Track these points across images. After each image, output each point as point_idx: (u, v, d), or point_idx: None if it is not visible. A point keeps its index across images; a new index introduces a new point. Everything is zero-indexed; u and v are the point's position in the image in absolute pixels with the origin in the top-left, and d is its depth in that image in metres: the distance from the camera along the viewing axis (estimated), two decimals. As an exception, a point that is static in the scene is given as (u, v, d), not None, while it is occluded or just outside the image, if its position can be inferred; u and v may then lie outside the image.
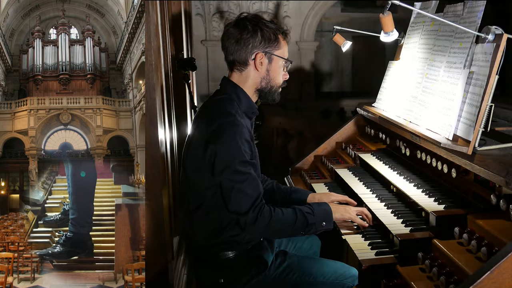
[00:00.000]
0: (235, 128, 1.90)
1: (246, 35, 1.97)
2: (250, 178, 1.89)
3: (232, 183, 1.87)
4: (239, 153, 1.87)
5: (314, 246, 2.43)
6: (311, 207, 2.00)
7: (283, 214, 1.93)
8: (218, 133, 1.89)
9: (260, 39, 1.98)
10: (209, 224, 2.01)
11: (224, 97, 2.04)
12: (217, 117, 1.94)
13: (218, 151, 1.88)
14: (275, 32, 2.01)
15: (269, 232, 1.95)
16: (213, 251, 2.03)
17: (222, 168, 1.87)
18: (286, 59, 2.05)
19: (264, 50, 1.99)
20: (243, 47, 1.98)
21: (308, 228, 1.96)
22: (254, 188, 1.89)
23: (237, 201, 1.88)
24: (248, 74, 2.03)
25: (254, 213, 1.87)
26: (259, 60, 2.00)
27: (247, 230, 1.91)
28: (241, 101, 2.02)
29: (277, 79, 2.05)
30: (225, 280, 2.02)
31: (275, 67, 2.03)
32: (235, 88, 2.04)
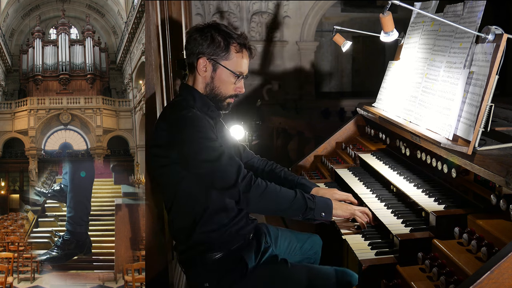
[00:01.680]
0: (193, 118, 1.90)
1: (198, 38, 1.99)
2: (225, 153, 1.88)
3: (208, 164, 1.87)
4: (205, 135, 1.88)
5: (315, 246, 2.42)
6: (312, 195, 2.01)
7: (280, 188, 1.94)
8: (177, 126, 1.89)
9: (208, 45, 1.98)
10: (183, 220, 2.01)
11: (177, 99, 2.07)
12: (173, 113, 1.96)
13: (183, 142, 1.88)
14: (228, 43, 1.99)
15: (264, 202, 1.91)
16: (197, 252, 2.01)
17: (193, 155, 1.87)
18: (232, 71, 2.02)
19: (210, 57, 1.99)
20: (192, 49, 2.01)
21: (307, 212, 1.95)
22: (232, 161, 1.89)
23: (221, 177, 1.87)
24: (196, 78, 2.05)
25: (245, 181, 1.87)
26: (202, 65, 2.00)
27: (242, 201, 1.89)
28: (196, 101, 2.02)
29: (222, 89, 2.04)
30: (209, 284, 2.00)
31: (220, 76, 2.02)
32: (189, 90, 2.05)
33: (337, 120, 7.32)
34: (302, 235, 2.44)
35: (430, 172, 2.26)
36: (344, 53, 4.94)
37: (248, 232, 2.08)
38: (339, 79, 9.64)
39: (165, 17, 2.81)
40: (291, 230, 2.46)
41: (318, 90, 8.49)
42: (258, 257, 2.07)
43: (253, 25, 7.02)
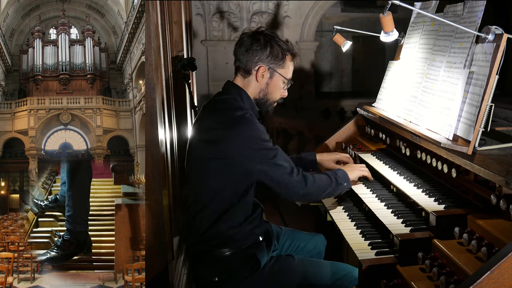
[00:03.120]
0: (249, 120, 2.01)
1: (256, 46, 2.11)
2: (279, 152, 2.03)
3: (268, 161, 1.99)
4: (262, 136, 2.00)
5: (319, 245, 2.44)
6: (332, 171, 2.24)
7: (319, 175, 2.16)
8: (234, 126, 1.99)
9: (268, 54, 2.11)
10: (208, 214, 2.05)
11: (228, 96, 2.13)
12: (228, 112, 2.04)
13: (242, 142, 1.97)
14: (283, 52, 2.15)
15: (318, 187, 2.12)
16: (208, 247, 2.04)
17: (252, 155, 1.98)
18: (287, 79, 2.18)
19: (269, 65, 2.13)
20: (250, 56, 2.12)
21: (340, 187, 2.20)
22: (285, 159, 2.05)
23: (280, 173, 2.01)
24: (249, 82, 2.16)
25: (299, 176, 2.04)
26: (261, 73, 2.13)
27: (303, 193, 2.08)
28: (244, 103, 2.12)
29: (274, 94, 2.19)
30: (219, 278, 2.04)
31: (275, 83, 2.16)
32: (238, 90, 2.14)
33: (337, 120, 7.32)
34: (305, 235, 2.46)
35: (430, 172, 2.26)
36: (344, 53, 4.94)
37: (260, 232, 2.13)
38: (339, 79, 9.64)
39: (165, 17, 2.80)
40: (294, 230, 2.48)
41: (318, 90, 8.50)
42: (268, 257, 2.10)
43: (253, 25, 7.01)
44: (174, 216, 2.77)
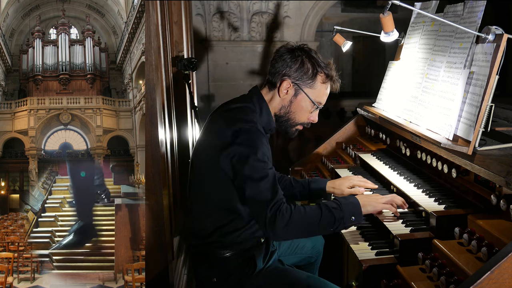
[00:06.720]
0: (255, 134, 1.86)
1: (286, 58, 1.96)
2: (268, 177, 1.81)
3: (249, 181, 1.81)
4: (257, 154, 1.82)
5: (317, 245, 2.42)
6: (337, 201, 1.88)
7: (305, 210, 1.82)
8: (238, 137, 1.85)
9: (297, 68, 1.95)
10: (213, 220, 2.00)
11: (247, 105, 2.01)
12: (239, 121, 1.90)
13: (237, 153, 1.84)
14: (315, 70, 1.97)
15: (291, 230, 1.79)
16: (210, 248, 2.03)
17: (240, 169, 1.83)
18: (312, 100, 1.99)
19: (295, 81, 1.96)
20: (278, 68, 1.97)
21: (336, 224, 1.83)
22: (272, 188, 1.81)
23: (256, 199, 1.81)
24: (274, 96, 2.01)
25: (272, 211, 1.77)
26: (285, 87, 1.97)
27: (269, 232, 1.81)
28: (262, 115, 1.99)
29: (297, 115, 2.02)
30: (217, 279, 2.02)
31: (299, 103, 1.99)
32: (261, 101, 2.01)
33: (337, 120, 7.31)
34: None
35: (431, 172, 2.26)
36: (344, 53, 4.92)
37: (261, 234, 2.08)
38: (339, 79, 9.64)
39: (165, 17, 2.80)
40: None
41: (318, 90, 8.49)
42: (266, 259, 2.09)
43: (253, 25, 7.01)
44: (174, 216, 2.77)
